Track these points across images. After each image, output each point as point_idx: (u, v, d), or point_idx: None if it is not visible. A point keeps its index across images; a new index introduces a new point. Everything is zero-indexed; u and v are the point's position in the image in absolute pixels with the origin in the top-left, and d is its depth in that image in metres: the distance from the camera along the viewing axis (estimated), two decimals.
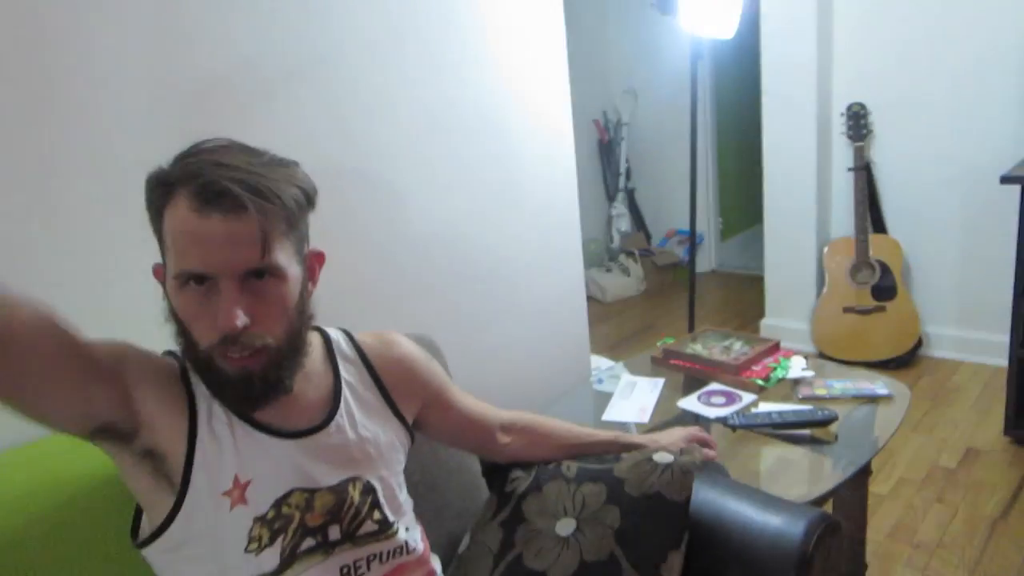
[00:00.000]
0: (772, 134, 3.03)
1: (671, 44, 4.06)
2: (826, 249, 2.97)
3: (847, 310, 2.90)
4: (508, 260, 1.79)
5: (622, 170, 4.47)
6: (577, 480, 1.14)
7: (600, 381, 1.78)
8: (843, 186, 3.03)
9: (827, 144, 3.00)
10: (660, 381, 1.72)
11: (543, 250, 1.88)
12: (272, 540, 0.88)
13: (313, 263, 0.93)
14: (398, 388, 1.05)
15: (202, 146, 0.83)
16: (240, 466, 0.88)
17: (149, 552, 0.89)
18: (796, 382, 1.64)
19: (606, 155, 4.53)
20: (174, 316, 0.84)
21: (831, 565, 1.07)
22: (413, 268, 1.58)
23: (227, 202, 0.78)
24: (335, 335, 1.04)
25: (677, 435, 1.25)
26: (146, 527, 0.89)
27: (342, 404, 0.98)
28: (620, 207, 4.49)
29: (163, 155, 0.83)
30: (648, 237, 4.55)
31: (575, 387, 1.84)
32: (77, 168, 1.08)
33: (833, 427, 1.43)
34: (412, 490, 1.09)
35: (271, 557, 0.88)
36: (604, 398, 1.67)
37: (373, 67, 1.45)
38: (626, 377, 1.76)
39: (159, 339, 0.87)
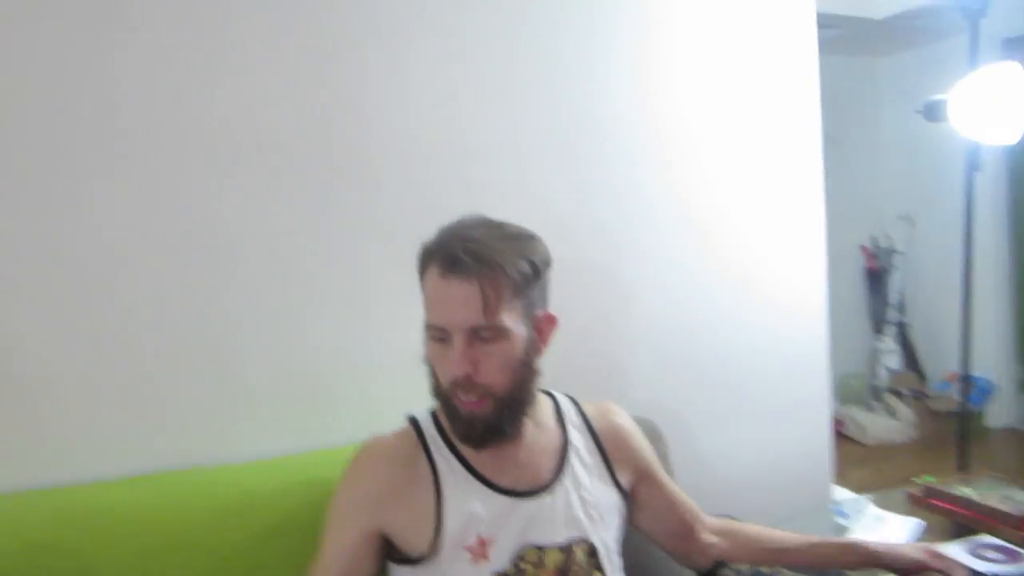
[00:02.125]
0: None
1: (955, 161, 3.70)
2: None
3: None
4: (744, 360, 1.72)
5: (893, 302, 4.06)
6: None
7: (843, 515, 1.58)
8: None
9: None
10: (916, 522, 1.47)
11: (784, 358, 1.77)
12: None
13: (543, 325, 1.01)
14: (615, 455, 1.09)
15: (458, 222, 0.99)
16: (481, 526, 0.97)
17: (396, 570, 1.01)
18: None
19: (874, 284, 4.16)
20: (426, 358, 0.99)
21: None
22: (645, 351, 1.58)
23: (459, 269, 0.92)
24: (563, 400, 1.12)
25: (915, 548, 1.09)
26: (398, 549, 1.00)
27: (568, 466, 1.04)
28: (889, 342, 4.05)
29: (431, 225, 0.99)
30: (922, 378, 4.01)
31: (809, 512, 1.65)
32: (373, 236, 1.33)
33: None
34: None
35: None
36: (843, 531, 1.47)
37: (626, 152, 1.55)
38: (873, 510, 1.53)
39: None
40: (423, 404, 1.03)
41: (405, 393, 1.07)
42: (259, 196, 1.24)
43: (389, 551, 1.00)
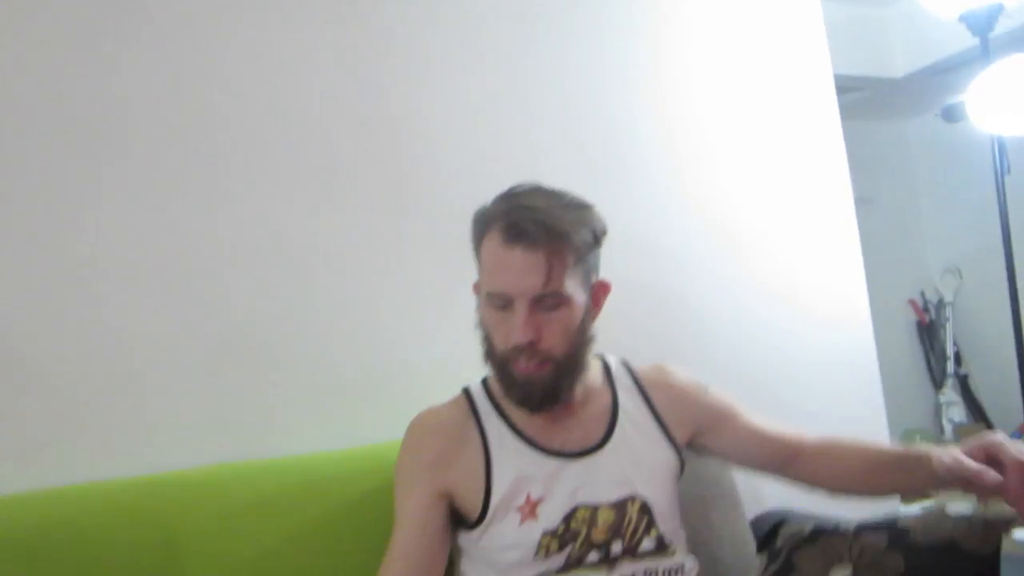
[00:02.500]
0: None
1: (992, 208, 3.76)
2: None
3: None
4: (793, 374, 1.78)
5: (950, 354, 4.02)
6: (855, 533, 1.07)
7: None
8: None
9: None
10: None
11: (833, 368, 1.84)
12: (560, 548, 1.01)
13: (598, 292, 1.07)
14: (669, 413, 1.13)
15: (515, 190, 1.04)
16: (532, 487, 1.03)
17: (460, 538, 1.07)
18: None
19: (928, 338, 4.14)
20: (482, 323, 1.05)
21: None
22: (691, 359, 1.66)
23: (526, 238, 0.96)
24: (614, 363, 1.18)
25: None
26: (459, 513, 1.06)
27: (618, 426, 1.10)
28: (951, 394, 3.98)
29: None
30: (990, 428, 3.91)
31: None
32: (421, 243, 1.46)
33: None
34: None
35: (557, 560, 1.01)
36: None
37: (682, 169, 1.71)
38: None
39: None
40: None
41: (454, 387, 1.14)
42: (322, 207, 1.37)
43: (455, 519, 1.06)
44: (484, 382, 1.12)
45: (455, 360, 1.23)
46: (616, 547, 1.01)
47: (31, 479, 1.08)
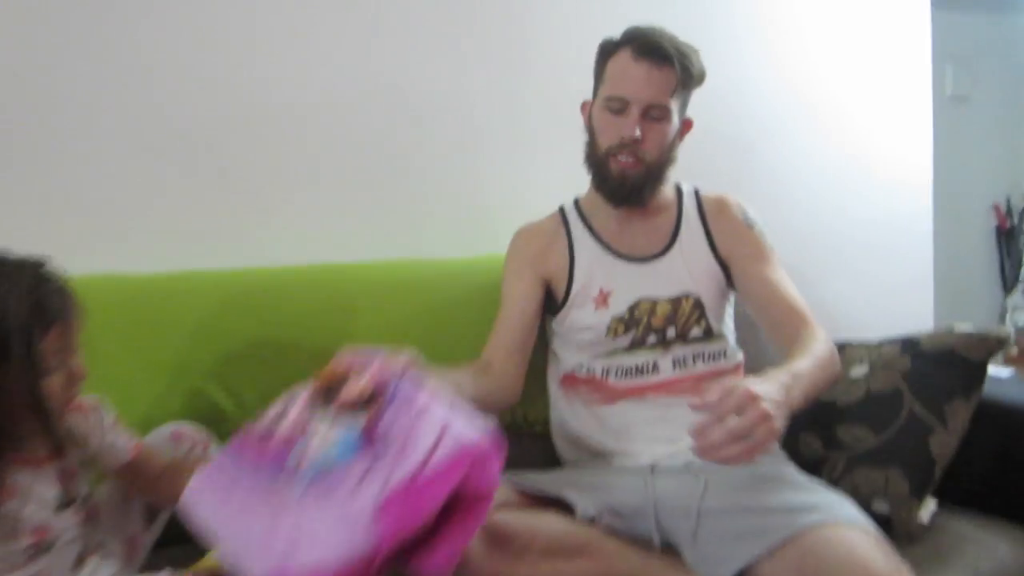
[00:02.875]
0: None
1: None
2: None
3: None
4: (853, 232, 1.98)
5: None
6: (878, 344, 1.31)
7: None
8: None
9: None
10: None
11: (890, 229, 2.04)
12: (626, 331, 1.28)
13: (686, 124, 1.30)
14: (715, 228, 1.33)
15: (642, 27, 1.24)
16: (604, 281, 1.30)
17: (549, 320, 1.37)
18: None
19: (1006, 243, 4.16)
20: (589, 129, 1.28)
21: None
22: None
23: (655, 55, 1.19)
24: (687, 189, 1.39)
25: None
26: (550, 298, 1.37)
27: (678, 240, 1.32)
28: (1019, 299, 4.05)
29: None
30: None
31: None
32: (534, 94, 1.66)
33: None
34: None
35: (624, 340, 1.29)
36: None
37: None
38: None
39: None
40: None
41: (547, 210, 1.40)
42: (447, 61, 1.59)
43: (548, 305, 1.35)
44: (576, 201, 1.40)
45: (548, 188, 1.48)
46: (671, 332, 1.25)
47: (227, 261, 1.41)
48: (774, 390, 0.91)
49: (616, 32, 1.26)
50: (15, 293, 0.81)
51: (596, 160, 1.28)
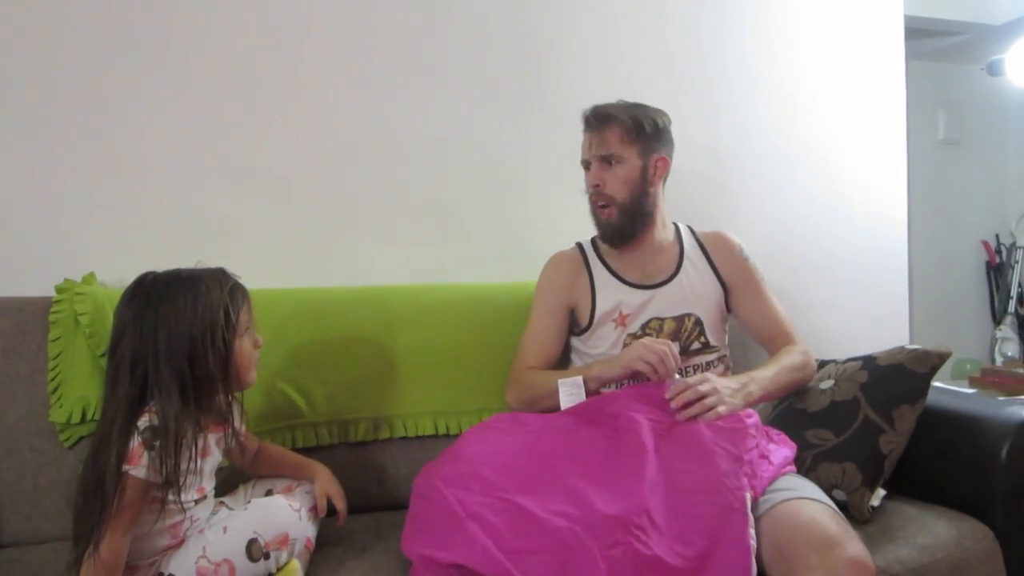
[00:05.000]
0: None
1: None
2: None
3: None
4: (830, 263, 2.24)
5: (1013, 294, 4.27)
6: (843, 361, 1.55)
7: None
8: None
9: None
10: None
11: (865, 254, 2.30)
12: None
13: (657, 163, 1.53)
14: (715, 256, 1.61)
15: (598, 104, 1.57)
16: (624, 307, 1.56)
17: (573, 341, 1.63)
18: None
19: (995, 277, 4.39)
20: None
21: None
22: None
23: (600, 117, 1.51)
24: (683, 226, 1.68)
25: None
26: (575, 322, 1.63)
27: (682, 269, 1.59)
28: (1007, 331, 4.27)
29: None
30: None
31: None
32: (551, 143, 1.82)
33: None
34: None
35: None
36: None
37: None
38: None
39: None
40: None
41: (567, 243, 1.69)
42: (484, 119, 1.90)
43: (571, 327, 1.60)
44: (592, 239, 1.66)
45: (569, 227, 1.74)
46: (675, 346, 1.48)
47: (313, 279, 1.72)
48: (731, 382, 1.38)
49: (618, 92, 1.59)
50: (218, 285, 1.16)
51: (592, 211, 1.58)
